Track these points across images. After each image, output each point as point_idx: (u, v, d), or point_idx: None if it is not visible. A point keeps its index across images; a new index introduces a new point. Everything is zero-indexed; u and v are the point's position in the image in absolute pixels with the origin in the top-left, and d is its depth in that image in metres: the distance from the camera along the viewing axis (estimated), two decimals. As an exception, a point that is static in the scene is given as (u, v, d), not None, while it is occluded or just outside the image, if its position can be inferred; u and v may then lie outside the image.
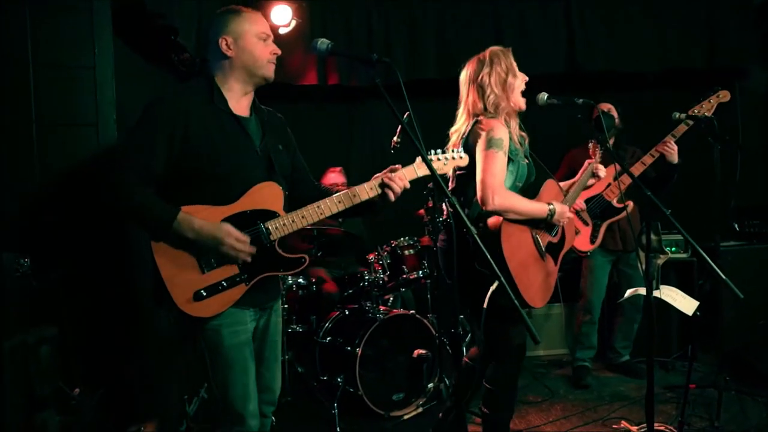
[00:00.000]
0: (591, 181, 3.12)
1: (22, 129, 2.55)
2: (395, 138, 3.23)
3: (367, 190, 2.13)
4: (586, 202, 3.96)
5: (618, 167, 3.63)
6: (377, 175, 2.16)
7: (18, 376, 0.77)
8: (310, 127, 5.08)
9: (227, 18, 2.07)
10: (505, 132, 2.47)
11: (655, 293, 2.33)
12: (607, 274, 4.13)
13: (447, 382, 3.70)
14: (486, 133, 2.46)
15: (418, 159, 2.15)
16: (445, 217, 2.79)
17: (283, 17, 4.33)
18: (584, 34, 4.73)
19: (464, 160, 2.26)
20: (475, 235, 1.72)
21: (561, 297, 4.60)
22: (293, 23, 4.40)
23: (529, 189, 2.62)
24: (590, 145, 3.13)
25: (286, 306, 3.77)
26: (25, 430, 0.78)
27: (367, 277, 3.99)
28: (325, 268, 4.51)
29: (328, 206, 2.09)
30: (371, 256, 4.07)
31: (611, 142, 3.82)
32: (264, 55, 2.07)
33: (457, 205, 1.80)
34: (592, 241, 3.95)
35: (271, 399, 2.29)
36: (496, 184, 2.40)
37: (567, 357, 4.59)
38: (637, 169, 3.75)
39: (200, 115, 1.98)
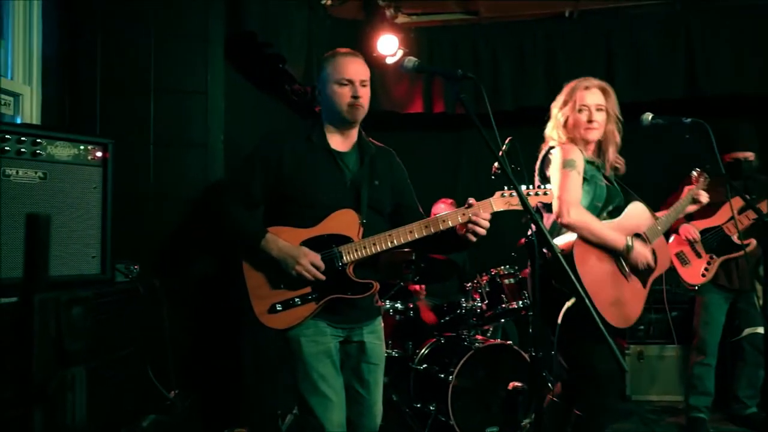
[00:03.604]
0: (691, 208, 2.89)
1: (143, 149, 2.79)
2: (495, 164, 3.17)
3: (440, 222, 2.13)
4: (702, 233, 3.65)
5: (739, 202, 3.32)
6: (458, 209, 2.16)
7: (46, 329, 0.82)
8: (416, 154, 5.13)
9: (322, 64, 2.28)
10: (578, 154, 2.56)
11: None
12: (723, 313, 3.73)
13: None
14: (560, 156, 2.56)
15: (497, 193, 2.16)
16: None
17: (389, 47, 4.45)
18: (705, 57, 4.44)
19: (549, 197, 2.20)
20: (557, 251, 1.65)
21: (675, 338, 4.24)
22: (400, 53, 4.50)
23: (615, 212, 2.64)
24: (694, 173, 2.92)
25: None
26: (54, 382, 0.83)
27: (464, 305, 3.91)
28: (425, 298, 4.47)
29: (399, 235, 2.15)
30: (470, 285, 3.99)
31: None
32: (341, 101, 2.20)
33: (540, 224, 1.74)
34: (704, 275, 3.62)
35: (372, 426, 2.32)
36: (572, 199, 2.49)
37: (682, 404, 4.17)
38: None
39: (296, 150, 2.21)
